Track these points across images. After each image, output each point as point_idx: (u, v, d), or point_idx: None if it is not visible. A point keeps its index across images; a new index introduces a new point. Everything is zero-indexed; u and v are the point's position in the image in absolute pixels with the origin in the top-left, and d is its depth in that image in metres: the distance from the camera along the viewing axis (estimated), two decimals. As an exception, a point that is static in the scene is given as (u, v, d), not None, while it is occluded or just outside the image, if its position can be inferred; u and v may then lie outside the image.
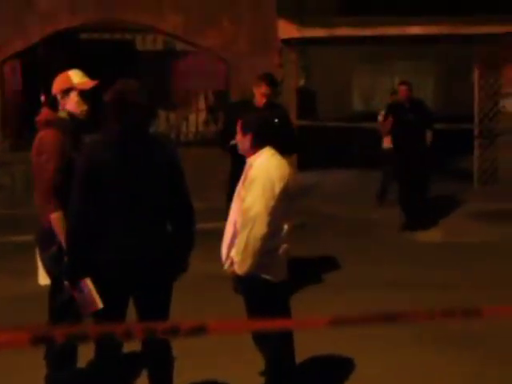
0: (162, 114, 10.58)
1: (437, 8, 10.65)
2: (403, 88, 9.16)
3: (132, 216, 3.63)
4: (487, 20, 10.68)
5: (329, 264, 7.54)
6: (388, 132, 9.45)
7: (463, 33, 10.59)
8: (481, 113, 11.28)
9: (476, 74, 11.25)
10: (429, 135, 9.21)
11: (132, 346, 3.94)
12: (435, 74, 16.29)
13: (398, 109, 9.29)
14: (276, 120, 5.90)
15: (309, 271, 7.06)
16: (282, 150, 4.27)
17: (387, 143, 10.21)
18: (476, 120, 11.30)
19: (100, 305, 3.62)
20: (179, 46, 10.50)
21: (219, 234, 4.22)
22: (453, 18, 10.57)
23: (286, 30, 10.36)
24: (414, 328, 5.39)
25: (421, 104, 9.42)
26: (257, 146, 4.10)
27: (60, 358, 4.16)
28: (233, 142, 5.41)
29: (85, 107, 4.23)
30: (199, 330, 1.99)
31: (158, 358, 3.85)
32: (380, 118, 10.43)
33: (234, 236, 4.05)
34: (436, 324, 5.47)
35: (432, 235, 8.87)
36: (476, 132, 11.32)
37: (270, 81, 6.29)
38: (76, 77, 4.24)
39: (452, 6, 10.56)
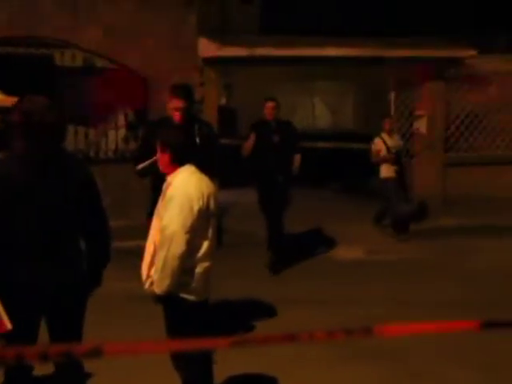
0: (80, 130, 10.41)
1: (353, 31, 10.96)
2: (269, 105, 8.05)
3: (43, 235, 3.58)
4: (401, 43, 11.05)
5: (249, 283, 7.56)
6: (249, 153, 8.21)
7: (379, 55, 10.90)
8: (397, 133, 11.59)
9: (392, 96, 11.59)
10: (297, 159, 8.18)
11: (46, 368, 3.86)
12: (354, 94, 16.67)
13: (261, 128, 8.13)
14: (197, 139, 5.49)
15: (229, 290, 7.05)
16: (203, 171, 4.21)
17: (386, 173, 9.72)
18: (393, 140, 11.60)
19: (9, 326, 3.52)
20: (99, 62, 10.39)
21: (140, 252, 4.20)
22: (368, 40, 10.88)
23: (207, 48, 10.41)
24: (332, 344, 5.48)
25: (288, 125, 8.36)
26: (175, 164, 4.09)
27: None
28: (143, 165, 5.26)
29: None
30: (94, 354, 2.00)
31: (69, 378, 3.77)
32: (373, 146, 9.84)
33: (155, 255, 4.02)
34: (345, 340, 5.58)
35: (352, 252, 9.03)
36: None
37: (183, 93, 5.54)
38: None
39: (367, 29, 10.89)
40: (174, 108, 5.50)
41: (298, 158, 8.20)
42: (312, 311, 6.42)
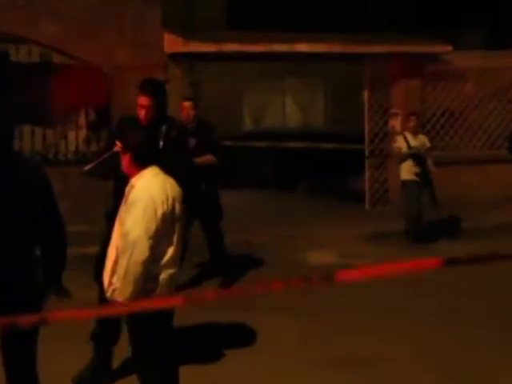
0: (38, 131, 10.24)
1: (325, 26, 10.95)
2: (185, 105, 7.44)
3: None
4: (376, 39, 11.07)
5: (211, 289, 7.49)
6: None
7: (352, 51, 10.90)
8: (371, 133, 11.62)
9: (366, 94, 11.61)
10: (208, 158, 7.38)
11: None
12: (325, 92, 16.73)
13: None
14: (161, 143, 5.14)
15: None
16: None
17: (406, 175, 9.39)
18: (366, 140, 11.63)
19: None
20: (57, 58, 10.25)
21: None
22: (341, 36, 10.88)
23: (172, 44, 10.33)
24: (306, 352, 5.45)
25: (209, 129, 7.64)
26: (138, 166, 4.04)
27: None
28: (90, 165, 5.04)
29: None
30: (40, 323, 2.13)
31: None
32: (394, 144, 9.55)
33: (117, 261, 3.97)
34: (319, 347, 5.59)
35: (324, 257, 9.01)
36: (367, 152, 11.65)
37: (149, 89, 5.18)
38: None
39: (340, 24, 10.88)
40: (139, 105, 5.22)
41: (210, 157, 7.39)
42: (281, 318, 6.41)
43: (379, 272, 2.52)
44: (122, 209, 4.08)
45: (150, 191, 3.96)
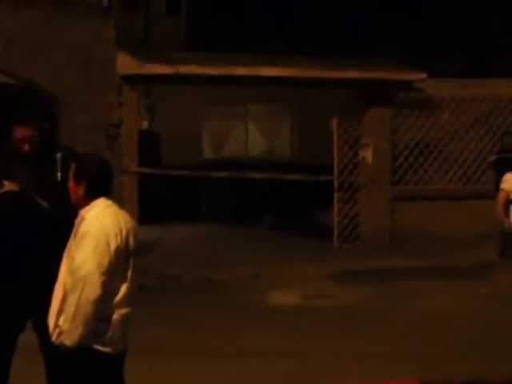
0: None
1: (291, 49, 11.16)
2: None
3: None
4: (344, 64, 11.28)
5: (170, 333, 7.51)
6: None
7: (320, 76, 11.09)
8: (340, 164, 11.78)
9: (335, 122, 11.78)
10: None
11: None
12: (291, 120, 16.91)
13: None
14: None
15: (149, 341, 7.00)
16: None
17: None
18: (336, 172, 11.77)
19: None
20: (0, 78, 10.28)
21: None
22: (309, 60, 11.08)
23: (127, 65, 10.41)
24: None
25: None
26: (90, 197, 4.06)
27: None
28: None
29: None
30: None
31: None
32: None
33: (64, 300, 3.97)
34: None
35: (288, 297, 9.07)
36: (336, 185, 11.78)
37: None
38: None
39: (309, 48, 11.10)
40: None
41: None
42: (243, 364, 6.41)
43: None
44: (72, 243, 4.09)
45: (102, 223, 3.95)
